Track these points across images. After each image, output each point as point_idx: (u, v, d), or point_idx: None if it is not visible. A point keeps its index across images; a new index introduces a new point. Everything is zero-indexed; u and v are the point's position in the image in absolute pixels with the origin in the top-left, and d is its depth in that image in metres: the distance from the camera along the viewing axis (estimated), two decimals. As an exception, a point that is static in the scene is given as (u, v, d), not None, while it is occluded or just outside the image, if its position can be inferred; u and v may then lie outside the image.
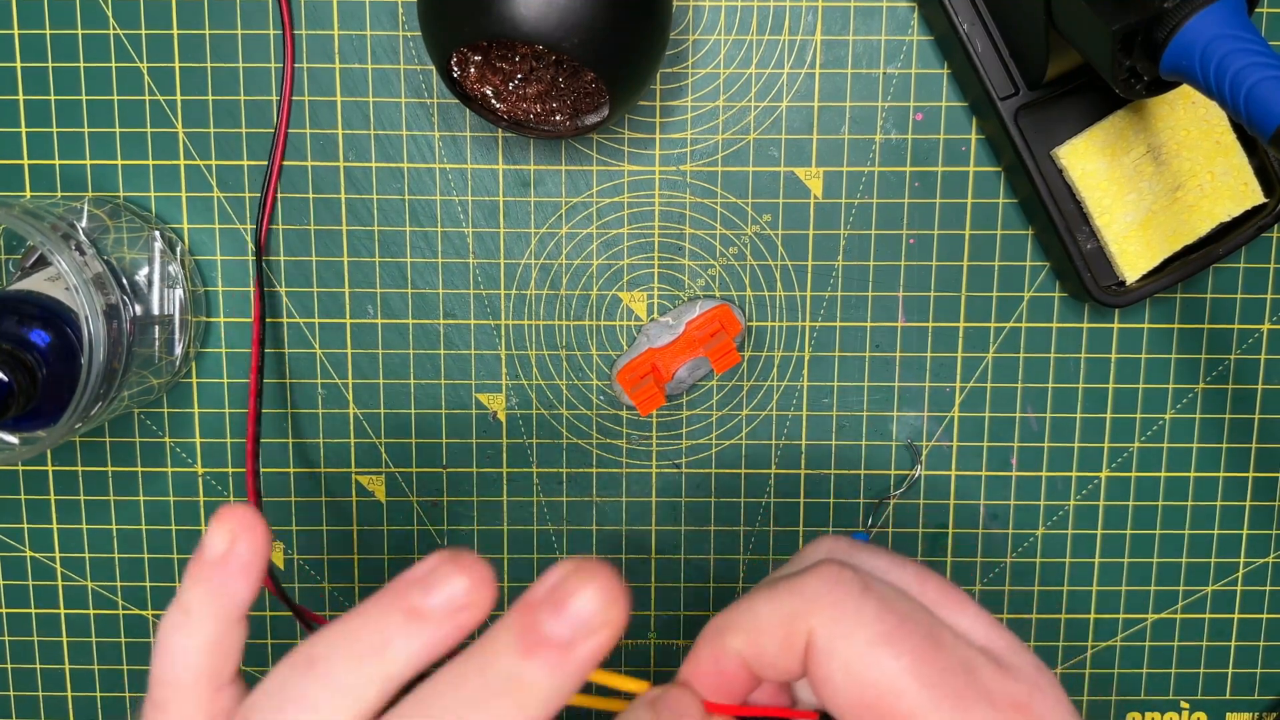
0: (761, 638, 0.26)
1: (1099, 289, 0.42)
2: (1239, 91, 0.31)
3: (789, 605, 0.26)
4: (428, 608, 0.23)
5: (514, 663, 0.22)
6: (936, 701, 0.24)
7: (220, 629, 0.26)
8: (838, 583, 0.26)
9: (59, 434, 0.39)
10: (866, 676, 0.25)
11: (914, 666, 0.25)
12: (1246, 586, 0.47)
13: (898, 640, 0.25)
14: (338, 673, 0.23)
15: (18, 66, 0.44)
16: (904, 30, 0.43)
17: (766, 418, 0.46)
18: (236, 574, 0.26)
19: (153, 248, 0.42)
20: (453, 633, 0.23)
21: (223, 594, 0.26)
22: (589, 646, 0.22)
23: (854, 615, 0.25)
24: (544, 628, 0.22)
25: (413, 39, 0.43)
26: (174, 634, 0.26)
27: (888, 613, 0.25)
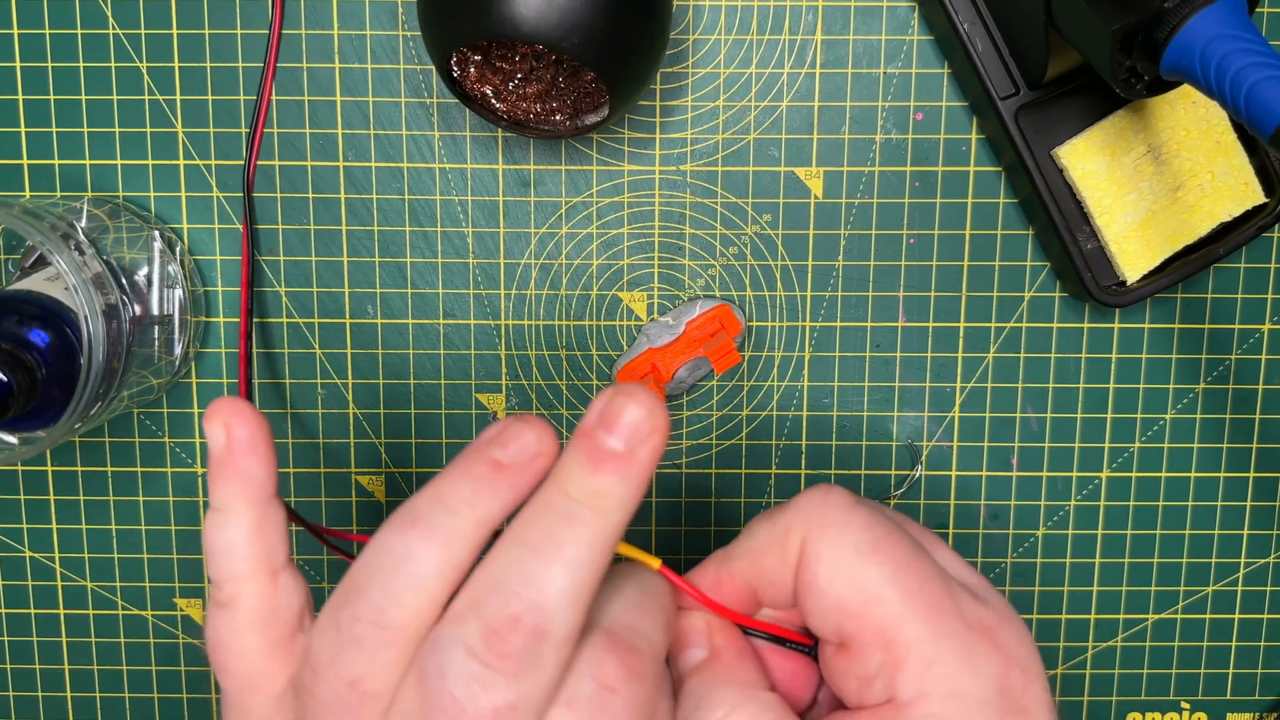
0: (761, 556, 0.28)
1: (1099, 289, 0.42)
2: (1239, 91, 0.31)
3: (783, 522, 0.28)
4: (506, 458, 0.26)
5: (587, 480, 0.25)
6: (913, 610, 0.26)
7: (256, 514, 0.28)
8: (827, 496, 0.28)
9: (58, 434, 0.39)
10: (851, 581, 0.26)
11: (895, 575, 0.26)
12: (1247, 587, 0.47)
13: (882, 550, 0.27)
14: (439, 525, 0.25)
15: (17, 66, 0.44)
16: (904, 30, 0.43)
17: (767, 418, 0.46)
18: (245, 456, 0.28)
19: (152, 248, 0.42)
20: (531, 478, 0.26)
21: (243, 480, 0.28)
22: (646, 450, 0.25)
23: (842, 524, 0.27)
24: (605, 444, 0.25)
25: (412, 39, 0.43)
26: (216, 532, 0.28)
27: (875, 524, 0.27)
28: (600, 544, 0.25)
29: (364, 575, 0.26)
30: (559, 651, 0.24)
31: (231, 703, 0.28)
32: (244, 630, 0.28)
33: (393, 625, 0.25)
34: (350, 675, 0.25)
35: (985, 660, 0.26)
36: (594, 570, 0.25)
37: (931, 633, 0.26)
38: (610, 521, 0.25)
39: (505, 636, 0.24)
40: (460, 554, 0.25)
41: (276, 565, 0.28)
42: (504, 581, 0.25)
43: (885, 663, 0.26)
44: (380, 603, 0.25)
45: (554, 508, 0.25)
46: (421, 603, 0.25)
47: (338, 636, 0.25)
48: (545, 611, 0.24)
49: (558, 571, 0.24)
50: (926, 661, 0.26)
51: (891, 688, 0.26)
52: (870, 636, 0.26)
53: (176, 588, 0.47)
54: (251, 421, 0.28)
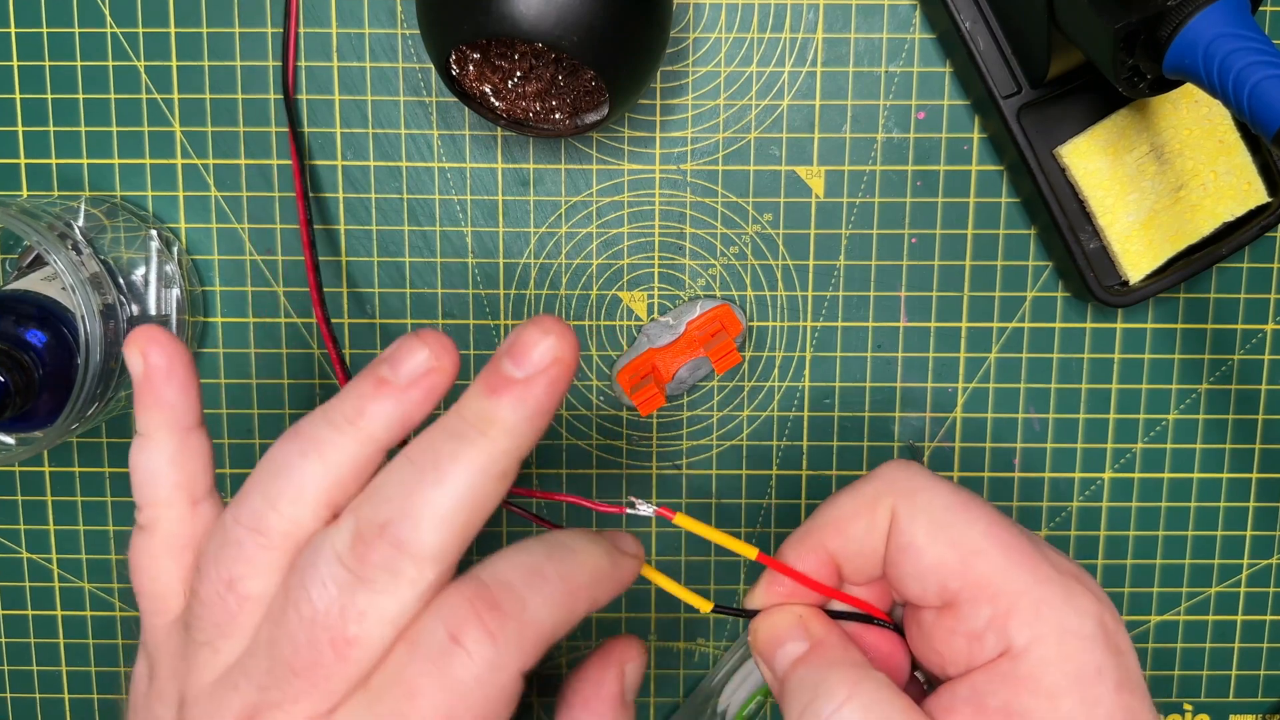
0: (847, 525, 0.29)
1: (1102, 289, 0.42)
2: (1242, 90, 0.31)
3: (869, 490, 0.29)
4: (394, 376, 0.26)
5: (482, 403, 0.25)
6: (1011, 560, 0.26)
7: (176, 441, 0.29)
8: (908, 466, 0.29)
9: (56, 434, 0.38)
10: (949, 538, 0.27)
11: (989, 530, 0.27)
12: (1250, 588, 0.47)
13: (973, 508, 0.27)
14: (319, 438, 0.26)
15: (14, 65, 0.43)
16: (906, 28, 0.43)
17: (768, 418, 0.46)
18: (163, 382, 0.28)
19: (150, 247, 0.42)
20: (422, 397, 0.26)
21: (162, 405, 0.28)
22: (545, 379, 0.25)
23: (930, 489, 0.28)
24: (504, 370, 0.25)
25: (411, 37, 0.43)
26: (139, 456, 0.29)
27: (958, 488, 0.28)
28: (482, 469, 0.25)
29: (251, 483, 0.27)
30: (420, 569, 0.24)
31: (144, 622, 0.29)
32: (159, 554, 0.28)
33: (269, 530, 0.26)
34: (229, 575, 0.26)
35: (1084, 599, 0.26)
36: (471, 494, 0.25)
37: (1033, 578, 0.26)
38: (497, 447, 0.25)
39: (370, 543, 0.24)
40: (340, 468, 0.26)
41: (197, 494, 0.29)
42: (381, 491, 0.25)
43: (995, 615, 0.26)
44: (259, 508, 0.26)
45: (445, 428, 0.25)
46: (298, 511, 0.26)
47: (222, 537, 0.26)
48: (412, 523, 0.24)
49: (431, 488, 0.25)
50: (1035, 605, 0.26)
51: (1005, 638, 0.26)
52: (976, 591, 0.27)
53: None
54: (168, 348, 0.29)
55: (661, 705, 0.48)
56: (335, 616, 0.24)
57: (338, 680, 0.25)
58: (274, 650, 0.25)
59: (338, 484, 0.26)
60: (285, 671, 0.25)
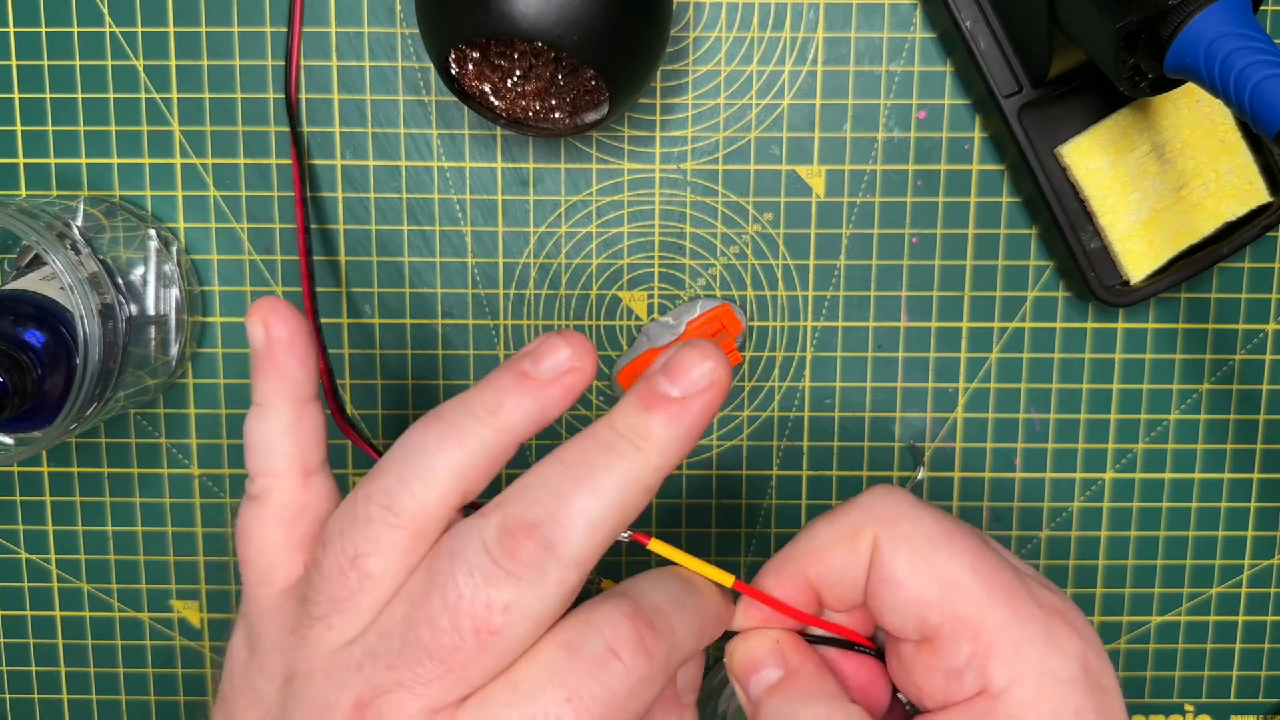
0: (827, 554, 0.28)
1: (1103, 289, 0.42)
2: (1244, 89, 0.31)
3: (850, 519, 0.28)
4: (536, 371, 0.27)
5: (637, 417, 0.26)
6: (994, 596, 0.26)
7: (293, 411, 0.29)
8: (891, 494, 0.28)
9: (54, 435, 0.38)
10: (929, 572, 0.27)
11: (972, 564, 0.26)
12: (1251, 589, 0.47)
13: (956, 540, 0.27)
14: (458, 425, 0.26)
15: (13, 64, 0.43)
16: (906, 27, 0.43)
17: (768, 419, 0.46)
18: (284, 354, 0.29)
19: (148, 247, 0.42)
20: (561, 394, 0.27)
21: (282, 377, 0.29)
22: (700, 401, 0.26)
23: (915, 518, 0.27)
24: (660, 388, 0.26)
25: (410, 36, 0.43)
26: (255, 425, 0.29)
27: (943, 518, 0.28)
28: (632, 481, 0.25)
29: (386, 462, 0.27)
30: (564, 570, 0.25)
31: (247, 593, 0.29)
32: (269, 523, 0.28)
33: (400, 510, 0.26)
34: (354, 550, 0.26)
35: (1066, 640, 0.26)
36: (620, 505, 0.25)
37: (1016, 617, 0.26)
38: (649, 463, 0.26)
39: (518, 539, 0.25)
40: (476, 455, 0.26)
41: (310, 466, 0.29)
42: (532, 490, 0.26)
43: (975, 653, 0.26)
44: (392, 487, 0.26)
45: (598, 437, 0.26)
46: (430, 495, 0.26)
47: (351, 513, 0.26)
48: (561, 527, 0.25)
49: (584, 494, 0.25)
50: (1015, 645, 0.26)
51: (984, 677, 0.26)
52: (955, 627, 0.26)
53: (173, 589, 0.47)
54: (291, 321, 0.29)
55: (661, 706, 0.48)
56: (481, 605, 0.25)
57: (473, 669, 0.25)
58: (410, 631, 0.25)
59: (470, 473, 0.26)
60: (420, 654, 0.25)
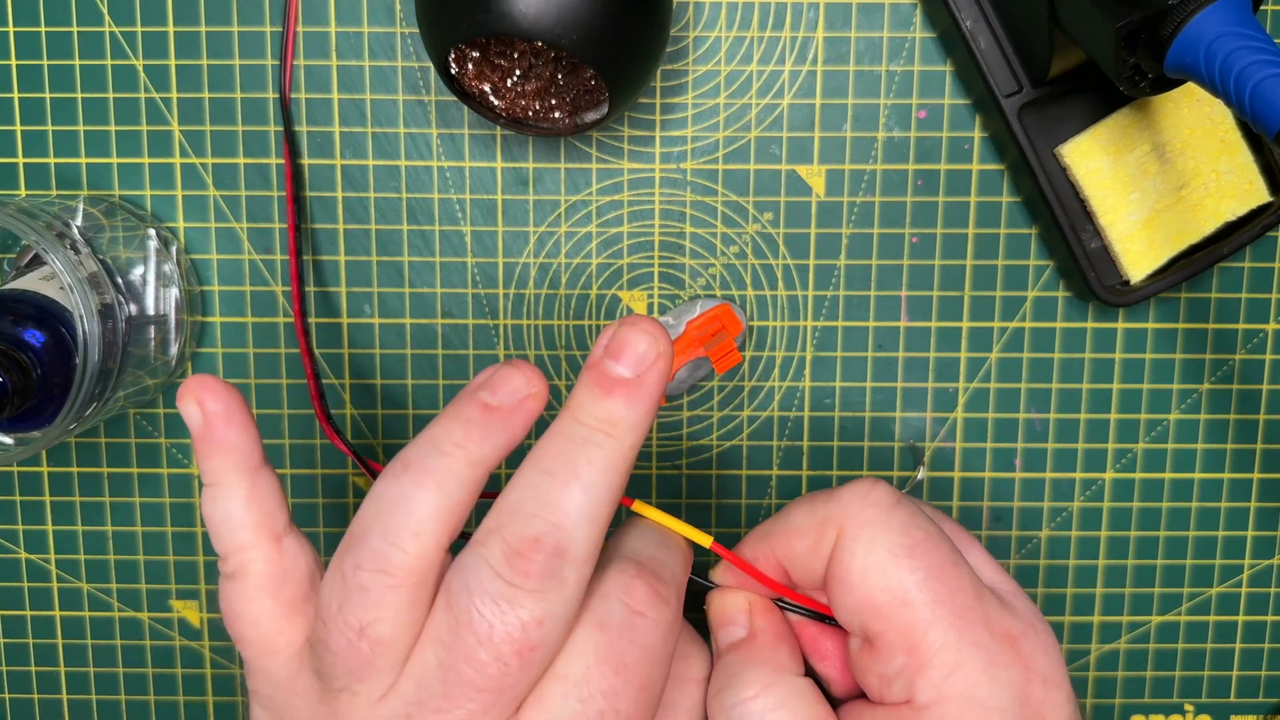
0: (794, 539, 0.29)
1: (1103, 288, 0.42)
2: (1244, 89, 0.31)
3: (822, 511, 0.29)
4: (496, 401, 0.27)
5: (598, 406, 0.26)
6: (940, 617, 0.26)
7: (248, 483, 0.29)
8: (869, 493, 0.29)
9: (54, 435, 0.38)
10: (882, 582, 0.27)
11: (926, 581, 0.27)
12: (1251, 589, 0.47)
13: (918, 554, 0.27)
14: (432, 468, 0.26)
15: (13, 64, 0.43)
16: (906, 27, 0.43)
17: (768, 419, 0.46)
18: (224, 427, 0.29)
19: (148, 247, 0.42)
20: (522, 419, 0.27)
21: (227, 451, 0.29)
22: (653, 374, 0.26)
23: (882, 524, 0.28)
24: (613, 372, 0.26)
25: (410, 36, 0.43)
26: (212, 506, 0.29)
27: (913, 527, 0.28)
28: (613, 466, 0.26)
29: (364, 523, 0.27)
30: (579, 569, 0.26)
31: (253, 670, 0.29)
32: (255, 596, 0.28)
33: (395, 570, 0.26)
34: (358, 623, 0.26)
35: (1006, 670, 0.26)
36: (609, 491, 0.26)
37: (956, 640, 0.26)
38: (622, 445, 0.26)
39: (528, 556, 0.25)
40: (456, 494, 0.26)
41: (278, 530, 0.29)
42: (524, 505, 0.26)
43: (907, 666, 0.26)
44: (381, 548, 0.26)
45: (568, 434, 0.26)
46: (422, 545, 0.26)
47: (343, 585, 0.26)
48: (564, 531, 0.25)
49: (575, 493, 0.26)
50: (948, 669, 0.26)
51: (911, 689, 0.26)
52: (895, 638, 0.27)
53: (173, 589, 0.47)
54: (222, 394, 0.29)
55: (661, 706, 0.48)
56: (516, 629, 0.25)
57: (522, 685, 0.25)
58: (450, 672, 0.25)
59: (454, 510, 0.26)
60: (468, 689, 0.25)
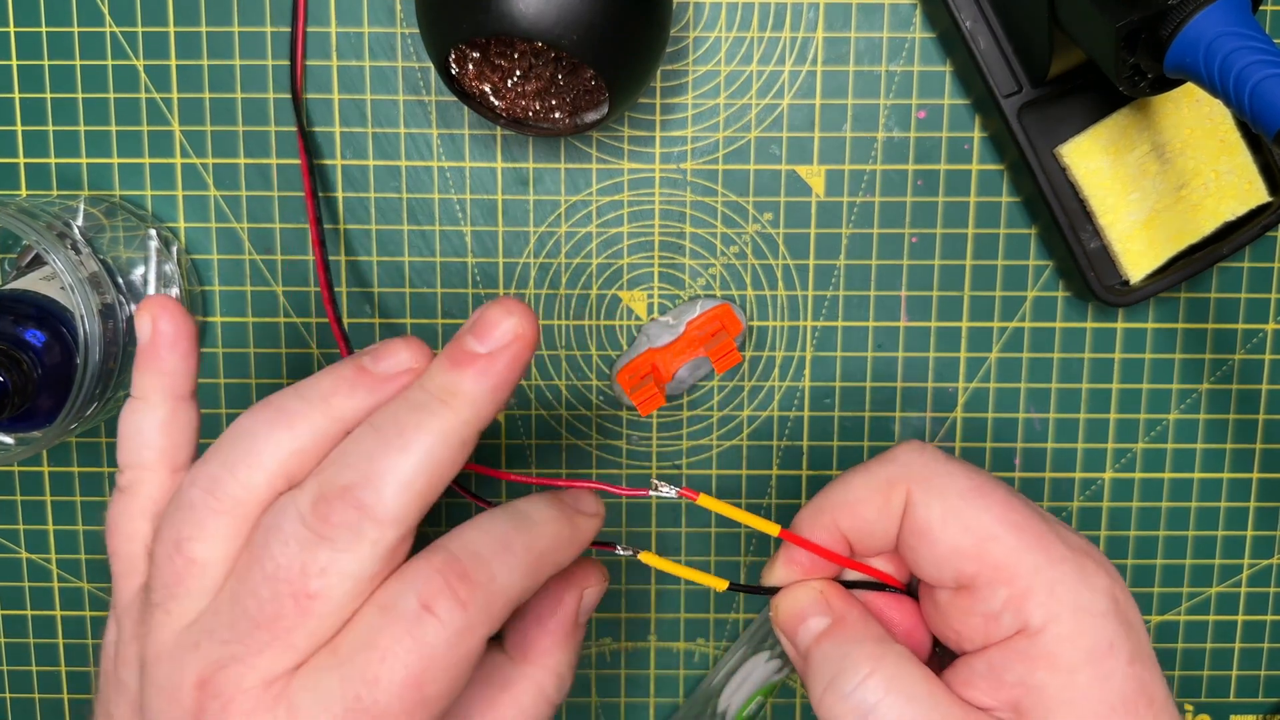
0: (861, 507, 0.29)
1: (1103, 288, 0.42)
2: (1243, 89, 0.31)
3: (884, 473, 0.29)
4: (374, 368, 0.28)
5: (446, 376, 0.27)
6: (1026, 542, 0.27)
7: (169, 406, 0.29)
8: (924, 450, 0.30)
9: (55, 434, 0.38)
10: (963, 525, 0.28)
11: (1004, 514, 0.28)
12: (1251, 588, 0.47)
13: (986, 493, 0.28)
14: (288, 409, 0.27)
15: (13, 64, 0.43)
16: (906, 27, 0.43)
17: (768, 418, 0.46)
18: (167, 351, 0.29)
19: (149, 247, 0.42)
20: (394, 389, 0.28)
21: (162, 372, 0.29)
22: (507, 355, 0.27)
23: (945, 475, 0.29)
24: (469, 346, 0.27)
25: (410, 36, 0.43)
26: (129, 418, 0.30)
27: (973, 472, 0.29)
28: (444, 438, 0.26)
29: (213, 449, 0.27)
30: (381, 530, 0.25)
31: (116, 585, 0.30)
32: (137, 516, 0.29)
33: (223, 494, 0.26)
34: (177, 535, 0.27)
35: (1096, 576, 0.27)
36: (434, 462, 0.26)
37: (1047, 559, 0.27)
38: (459, 418, 0.26)
39: (331, 503, 0.25)
40: (303, 439, 0.27)
41: (179, 462, 0.30)
42: (345, 456, 0.26)
43: (1011, 596, 0.27)
44: (215, 472, 0.27)
45: (409, 399, 0.27)
46: (255, 477, 0.26)
47: (177, 500, 0.27)
48: (374, 488, 0.25)
49: (395, 454, 0.26)
50: (1050, 586, 0.27)
51: (1022, 617, 0.27)
52: (991, 574, 0.27)
53: (174, 589, 0.47)
54: (177, 318, 0.30)
55: (661, 705, 0.48)
56: (297, 571, 0.25)
57: (299, 634, 0.25)
58: (236, 605, 0.26)
59: (296, 455, 0.27)
60: (248, 625, 0.25)
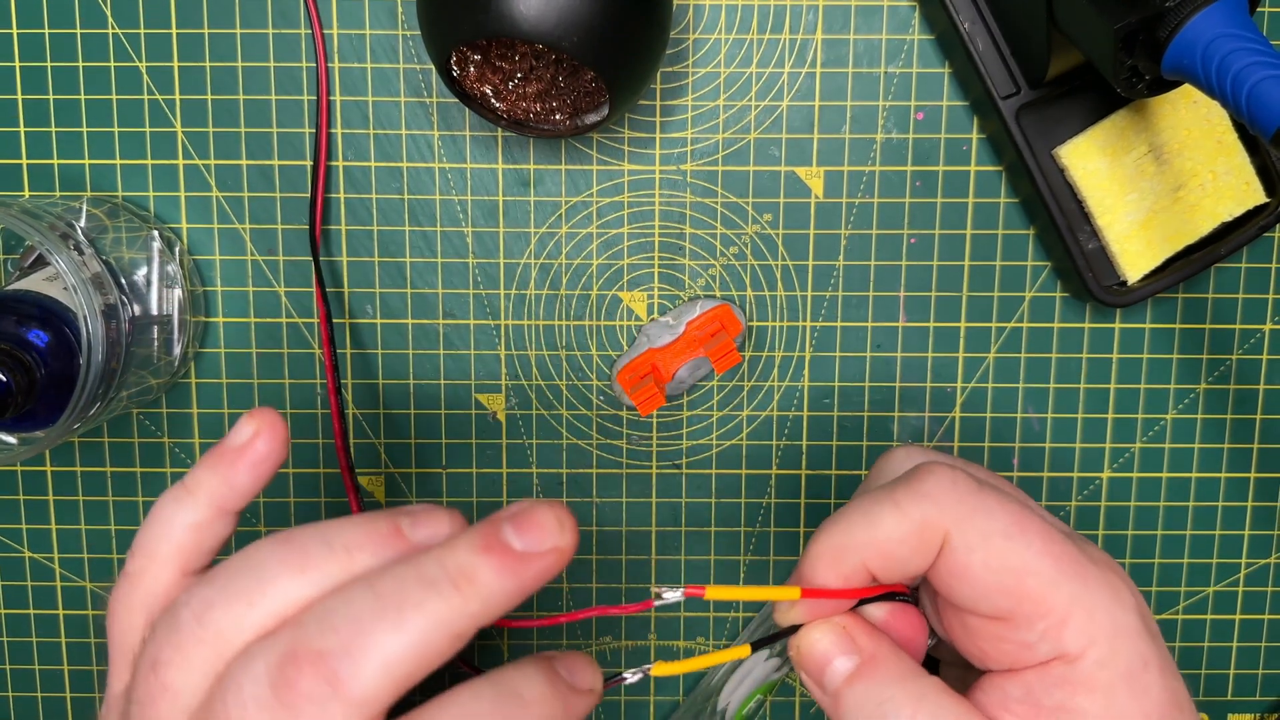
0: (892, 547, 0.28)
1: (1100, 289, 0.42)
2: (1240, 91, 0.31)
3: (918, 513, 0.27)
4: (411, 536, 0.26)
5: (470, 557, 0.24)
6: (1063, 573, 0.27)
7: (212, 514, 0.28)
8: (954, 484, 0.28)
9: (57, 434, 0.39)
10: (1006, 565, 0.27)
11: (1043, 547, 0.27)
12: (1248, 587, 0.47)
13: (1025, 528, 0.27)
14: (309, 552, 0.25)
15: (16, 66, 0.43)
16: (905, 29, 0.43)
17: (767, 418, 0.46)
18: (247, 468, 0.28)
19: (151, 247, 0.42)
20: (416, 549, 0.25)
21: (228, 482, 0.28)
22: (539, 563, 0.24)
23: (984, 513, 0.27)
24: (505, 535, 0.24)
25: (412, 38, 0.43)
26: (169, 505, 0.28)
27: (1007, 503, 0.28)
28: (443, 625, 0.23)
29: (219, 569, 0.25)
30: (348, 713, 0.22)
31: (109, 672, 0.28)
32: (136, 608, 0.27)
33: (211, 624, 0.24)
34: (156, 655, 0.25)
35: (1125, 594, 0.27)
36: (426, 648, 0.23)
37: (1083, 588, 0.27)
38: (466, 609, 0.23)
39: (302, 668, 0.22)
40: (313, 587, 0.24)
41: (192, 566, 0.28)
42: (331, 615, 0.23)
43: (1049, 627, 0.27)
44: (212, 597, 0.25)
45: (420, 568, 0.24)
46: (249, 617, 0.24)
47: (168, 616, 0.25)
48: (353, 661, 0.22)
49: (388, 629, 0.23)
50: (1088, 613, 0.27)
51: (1059, 645, 0.27)
52: (1030, 607, 0.27)
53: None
54: (276, 443, 0.28)
55: (661, 704, 0.48)
56: None
57: None
58: None
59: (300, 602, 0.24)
60: None
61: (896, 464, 0.31)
